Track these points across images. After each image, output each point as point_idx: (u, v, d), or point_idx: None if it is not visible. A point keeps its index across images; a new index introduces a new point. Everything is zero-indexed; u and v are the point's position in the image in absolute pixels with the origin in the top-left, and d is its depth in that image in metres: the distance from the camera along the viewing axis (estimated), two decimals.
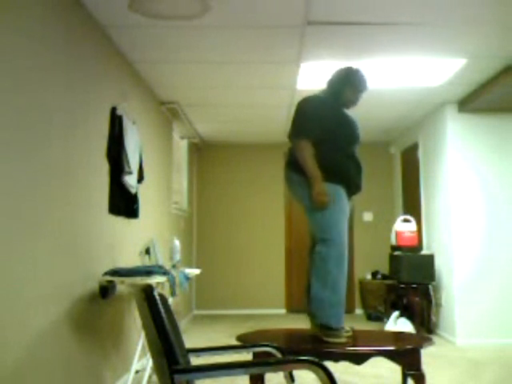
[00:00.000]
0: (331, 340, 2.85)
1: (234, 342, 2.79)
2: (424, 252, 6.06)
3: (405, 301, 5.87)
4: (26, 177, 2.43)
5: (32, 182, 2.49)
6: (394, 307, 5.96)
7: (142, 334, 3.48)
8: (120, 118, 3.72)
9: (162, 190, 5.41)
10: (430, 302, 5.81)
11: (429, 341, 2.87)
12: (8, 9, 2.30)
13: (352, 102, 3.18)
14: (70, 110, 2.96)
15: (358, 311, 7.55)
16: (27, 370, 2.41)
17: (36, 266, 2.51)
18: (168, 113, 5.61)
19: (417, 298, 5.71)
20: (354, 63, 4.22)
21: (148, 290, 1.63)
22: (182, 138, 6.85)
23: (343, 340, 2.85)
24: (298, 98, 5.20)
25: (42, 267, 2.58)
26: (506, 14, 3.35)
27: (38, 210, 2.54)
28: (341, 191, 3.01)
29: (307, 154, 2.98)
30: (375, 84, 4.81)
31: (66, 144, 2.90)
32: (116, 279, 3.27)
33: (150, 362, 3.32)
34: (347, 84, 3.13)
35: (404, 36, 3.71)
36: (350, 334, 2.95)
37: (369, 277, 7.35)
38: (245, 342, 2.80)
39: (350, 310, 7.45)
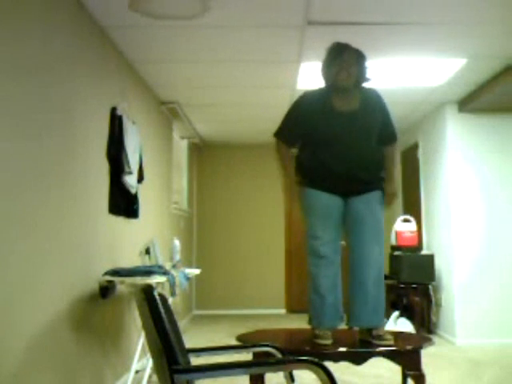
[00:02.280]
0: (315, 341, 2.83)
1: (234, 342, 2.79)
2: (424, 252, 6.06)
3: (405, 301, 5.87)
4: (25, 177, 2.43)
5: (31, 181, 2.49)
6: (394, 307, 5.96)
7: (142, 334, 3.48)
8: (120, 118, 3.72)
9: (162, 189, 5.41)
10: (430, 302, 5.81)
11: (429, 341, 2.87)
12: (8, 9, 2.30)
13: (341, 80, 2.82)
14: (69, 109, 2.96)
15: None
16: (27, 369, 2.41)
17: (35, 267, 2.51)
18: (168, 113, 5.61)
19: (417, 298, 5.71)
20: None
21: (148, 290, 1.63)
22: (182, 137, 6.85)
23: (325, 342, 2.81)
24: None
25: (42, 267, 2.58)
26: (507, 14, 3.35)
27: (37, 210, 2.54)
28: (314, 195, 2.89)
29: (278, 155, 3.03)
30: (375, 84, 4.80)
31: (66, 144, 2.90)
32: (116, 279, 3.27)
33: (150, 362, 3.32)
34: (327, 64, 2.90)
35: (404, 36, 3.71)
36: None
37: None
38: (245, 342, 2.80)
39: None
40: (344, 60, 2.81)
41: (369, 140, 2.91)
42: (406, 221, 6.21)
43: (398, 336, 3.09)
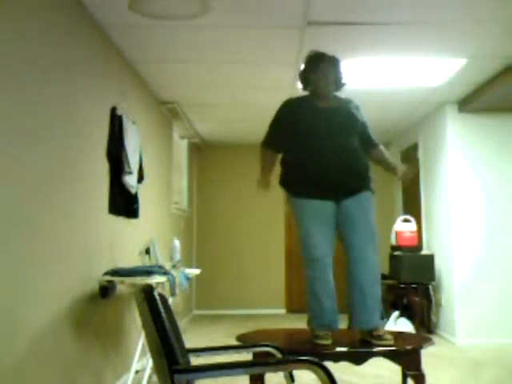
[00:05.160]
0: (315, 342, 2.84)
1: (234, 342, 2.79)
2: (424, 252, 6.06)
3: (405, 301, 5.87)
4: (26, 177, 2.43)
5: (32, 182, 2.49)
6: (394, 307, 5.96)
7: (142, 334, 3.48)
8: (120, 118, 3.72)
9: (162, 189, 5.41)
10: (430, 301, 5.81)
11: (429, 341, 2.87)
12: (8, 8, 2.30)
13: (321, 87, 2.95)
14: (69, 109, 2.96)
15: None
16: (27, 369, 2.41)
17: (36, 267, 2.51)
18: (168, 113, 5.61)
19: (417, 298, 5.71)
20: (353, 63, 4.22)
21: (148, 290, 1.63)
22: (182, 138, 6.85)
23: (325, 342, 2.81)
24: None
25: (42, 267, 2.58)
26: (507, 13, 3.35)
27: (37, 210, 2.54)
28: (304, 205, 2.92)
29: (261, 158, 3.11)
30: (375, 84, 4.81)
31: (66, 144, 2.90)
32: (116, 279, 3.27)
33: (150, 362, 3.32)
34: (307, 72, 3.03)
35: (404, 36, 3.71)
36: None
37: None
38: (245, 342, 2.80)
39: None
40: (323, 70, 2.97)
41: (352, 135, 2.99)
42: (406, 221, 6.21)
43: (398, 336, 3.09)
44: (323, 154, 2.89)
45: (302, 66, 3.08)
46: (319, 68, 2.96)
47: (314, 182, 2.91)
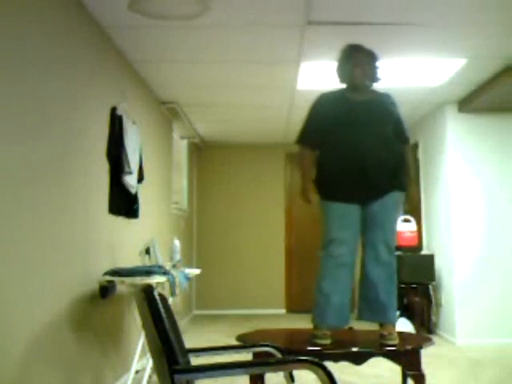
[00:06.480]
0: (313, 341, 2.84)
1: (234, 342, 2.79)
2: (424, 252, 6.06)
3: (405, 301, 5.86)
4: (26, 176, 2.43)
5: (32, 181, 2.49)
6: None
7: (142, 334, 3.48)
8: (120, 118, 3.72)
9: (162, 190, 5.41)
10: (430, 301, 5.81)
11: (429, 341, 2.87)
12: (8, 8, 2.30)
13: (357, 77, 2.94)
14: (69, 110, 2.96)
15: None
16: (27, 370, 2.41)
17: (35, 267, 2.51)
18: (168, 113, 5.61)
19: (417, 298, 5.71)
20: None
21: (148, 290, 1.63)
22: (182, 138, 6.85)
23: (323, 342, 2.82)
24: (298, 98, 5.22)
25: (42, 267, 2.58)
26: (506, 14, 3.35)
27: (37, 209, 2.54)
28: (332, 208, 2.92)
29: (301, 164, 3.04)
30: (375, 84, 4.80)
31: (66, 144, 2.90)
32: (116, 279, 3.27)
33: (150, 362, 3.32)
34: (342, 63, 3.01)
35: (404, 36, 3.71)
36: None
37: None
38: (245, 342, 2.80)
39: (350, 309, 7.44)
40: (358, 60, 2.94)
41: (385, 128, 2.93)
42: (406, 221, 6.21)
43: (398, 336, 3.09)
44: (354, 151, 2.87)
45: (338, 59, 3.04)
46: (354, 57, 2.95)
47: (343, 186, 2.91)
